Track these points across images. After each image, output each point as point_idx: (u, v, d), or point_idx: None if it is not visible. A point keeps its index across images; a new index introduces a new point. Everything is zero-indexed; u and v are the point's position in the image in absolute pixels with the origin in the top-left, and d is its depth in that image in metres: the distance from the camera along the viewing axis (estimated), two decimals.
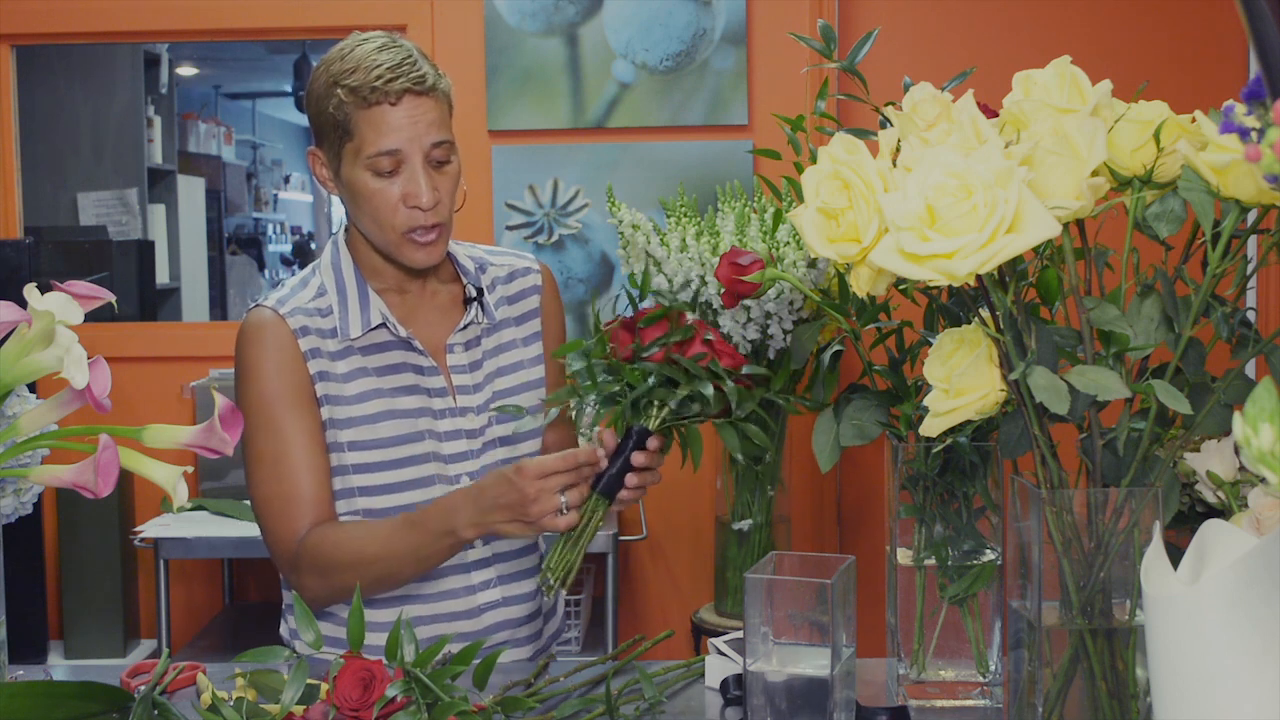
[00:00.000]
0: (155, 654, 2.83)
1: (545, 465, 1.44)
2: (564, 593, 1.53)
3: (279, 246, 8.58)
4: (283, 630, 1.75)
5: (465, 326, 1.70)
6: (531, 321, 1.77)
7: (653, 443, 1.47)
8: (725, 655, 1.43)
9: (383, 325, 1.66)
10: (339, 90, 1.56)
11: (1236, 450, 1.27)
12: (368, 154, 1.56)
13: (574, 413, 1.49)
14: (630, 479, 1.47)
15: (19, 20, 3.10)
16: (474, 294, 1.71)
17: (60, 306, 1.08)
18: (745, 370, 1.46)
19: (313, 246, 9.19)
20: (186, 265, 5.53)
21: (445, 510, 1.52)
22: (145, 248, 4.30)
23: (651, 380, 1.43)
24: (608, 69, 3.02)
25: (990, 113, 1.15)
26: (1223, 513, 1.27)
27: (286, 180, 9.00)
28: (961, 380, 1.13)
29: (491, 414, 1.69)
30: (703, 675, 1.47)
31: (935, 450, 1.34)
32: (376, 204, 1.58)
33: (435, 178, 1.59)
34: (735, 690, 1.39)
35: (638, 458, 1.46)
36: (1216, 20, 3.01)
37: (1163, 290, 1.11)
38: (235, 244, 7.44)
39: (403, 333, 1.66)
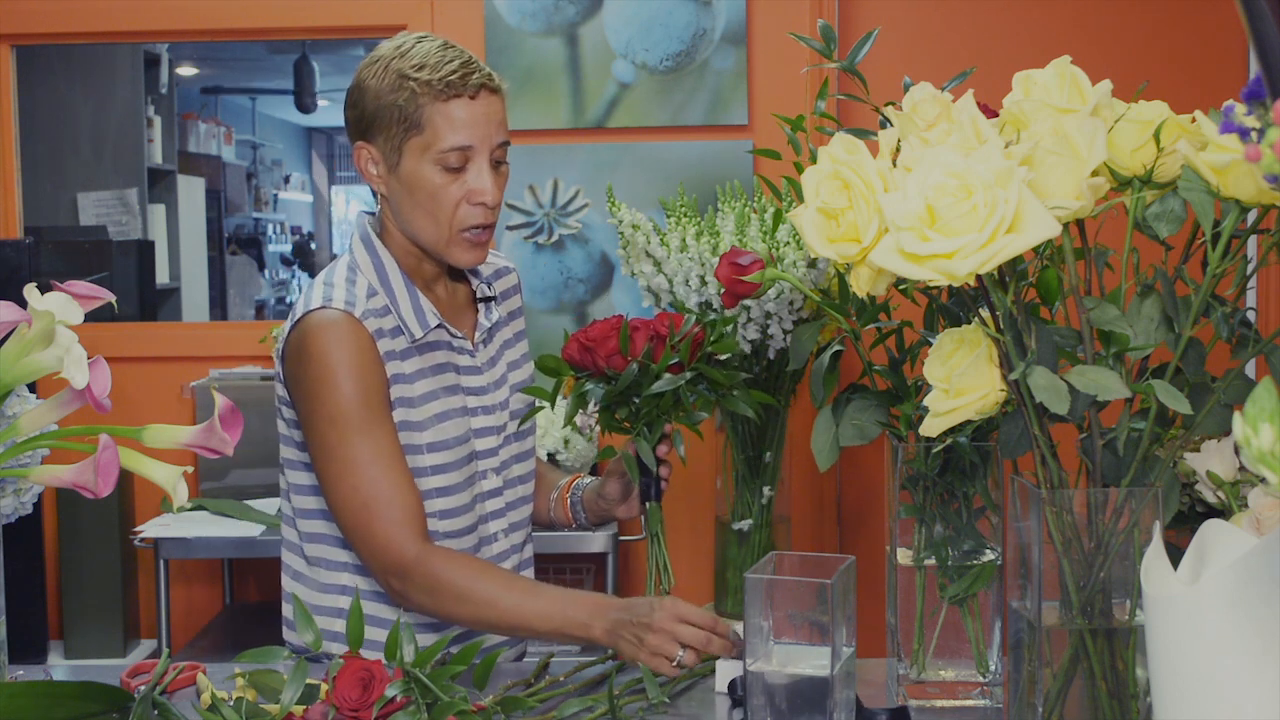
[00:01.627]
0: (155, 654, 2.83)
1: (688, 613, 1.42)
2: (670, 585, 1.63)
3: (279, 246, 8.58)
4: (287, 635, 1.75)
5: (488, 325, 1.71)
6: (517, 320, 1.80)
7: (662, 448, 1.61)
8: (734, 656, 1.43)
9: (440, 326, 1.64)
10: (411, 83, 1.54)
11: (1236, 450, 1.27)
12: (440, 148, 1.55)
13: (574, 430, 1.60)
14: (662, 470, 1.61)
15: (19, 20, 3.10)
16: (488, 293, 1.72)
17: (60, 306, 1.08)
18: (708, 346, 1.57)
19: (313, 246, 9.19)
20: (186, 265, 5.53)
21: (598, 606, 1.47)
22: (145, 248, 4.30)
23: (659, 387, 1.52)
24: (608, 69, 3.01)
25: (990, 113, 1.15)
26: (1223, 513, 1.27)
27: (286, 180, 9.00)
28: (961, 380, 1.13)
29: (510, 410, 1.72)
30: (704, 675, 1.47)
31: (935, 450, 1.34)
32: (440, 200, 1.56)
33: (496, 177, 1.59)
34: (743, 691, 1.39)
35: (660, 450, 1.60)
36: (1216, 20, 3.01)
37: (1163, 290, 1.11)
38: (235, 244, 7.45)
39: (458, 333, 1.66)
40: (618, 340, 1.48)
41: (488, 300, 1.73)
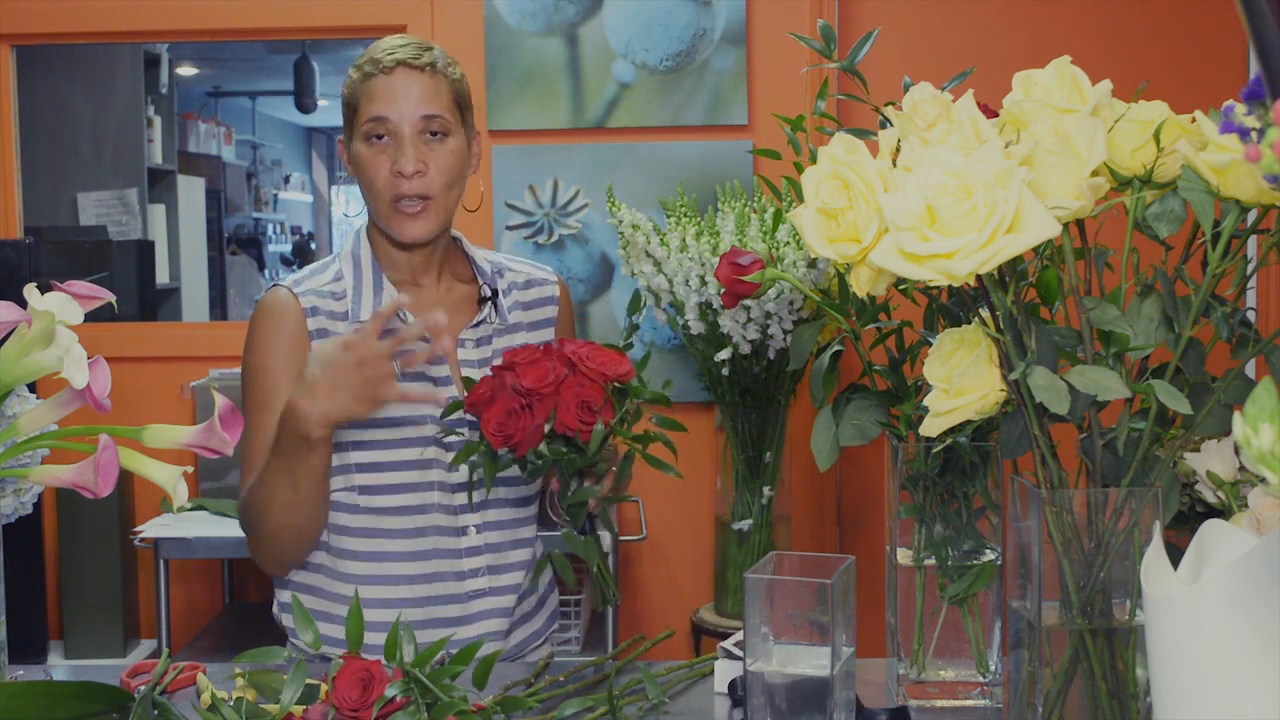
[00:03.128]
0: (155, 654, 2.83)
1: (355, 342, 1.48)
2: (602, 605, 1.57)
3: (279, 246, 8.58)
4: (285, 620, 1.76)
5: (478, 324, 1.74)
6: (546, 330, 1.81)
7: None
8: (735, 656, 1.43)
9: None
10: (351, 71, 1.69)
11: (1236, 450, 1.27)
12: (361, 122, 1.66)
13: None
14: (593, 506, 1.50)
15: (19, 20, 3.10)
16: (489, 294, 1.75)
17: (60, 306, 1.08)
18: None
19: (313, 246, 9.20)
20: (186, 265, 5.53)
21: (290, 421, 1.53)
22: (145, 248, 4.30)
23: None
24: (608, 69, 3.01)
25: (990, 113, 1.15)
26: (1223, 513, 1.27)
27: (286, 180, 9.00)
28: (961, 380, 1.13)
29: None
30: (705, 675, 1.47)
31: (935, 450, 1.34)
32: (370, 173, 1.67)
33: (425, 150, 1.66)
34: (743, 691, 1.39)
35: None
36: (1216, 20, 3.01)
37: (1163, 290, 1.11)
38: (235, 244, 7.45)
39: (410, 319, 1.69)
40: (539, 434, 1.42)
41: (484, 301, 1.75)
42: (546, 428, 1.42)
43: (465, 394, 1.68)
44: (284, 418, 1.54)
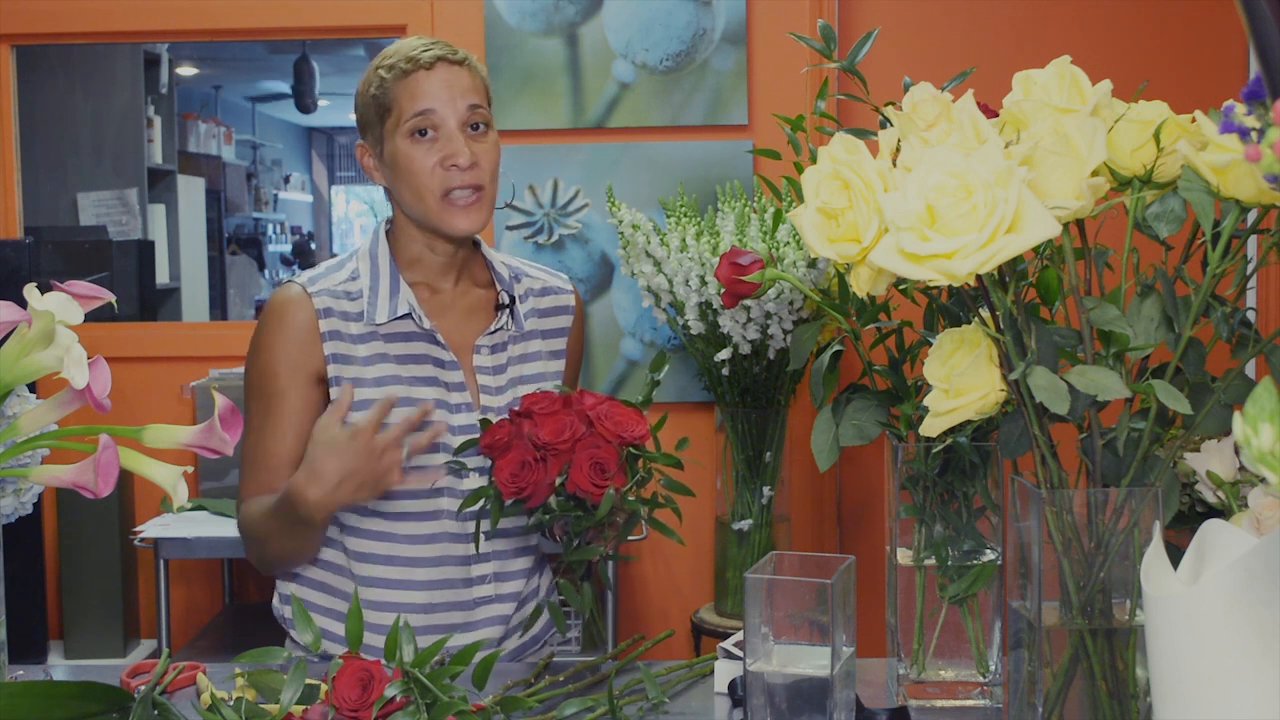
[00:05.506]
0: (155, 654, 2.83)
1: (366, 430, 1.48)
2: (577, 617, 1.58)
3: (279, 246, 8.59)
4: (285, 612, 1.77)
5: (494, 330, 1.73)
6: (560, 339, 1.81)
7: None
8: (735, 656, 1.43)
9: (409, 316, 1.69)
10: (380, 72, 1.66)
11: (1236, 450, 1.27)
12: (405, 119, 1.64)
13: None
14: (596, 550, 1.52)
15: (19, 20, 3.10)
16: (507, 301, 1.74)
17: (60, 306, 1.08)
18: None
19: (313, 246, 9.21)
20: (186, 265, 5.53)
21: (292, 502, 1.53)
22: (145, 248, 4.30)
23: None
24: (608, 69, 3.01)
25: (990, 113, 1.15)
26: (1223, 513, 1.27)
27: (286, 180, 9.00)
28: (961, 380, 1.13)
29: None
30: (705, 675, 1.47)
31: (935, 450, 1.34)
32: (415, 169, 1.64)
33: (472, 143, 1.65)
34: (743, 691, 1.39)
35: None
36: (1216, 20, 3.01)
37: (1163, 290, 1.11)
38: (235, 244, 7.45)
39: (427, 324, 1.69)
40: (550, 489, 1.44)
41: (502, 308, 1.74)
42: (558, 481, 1.42)
43: (479, 401, 1.68)
44: (286, 497, 1.54)
